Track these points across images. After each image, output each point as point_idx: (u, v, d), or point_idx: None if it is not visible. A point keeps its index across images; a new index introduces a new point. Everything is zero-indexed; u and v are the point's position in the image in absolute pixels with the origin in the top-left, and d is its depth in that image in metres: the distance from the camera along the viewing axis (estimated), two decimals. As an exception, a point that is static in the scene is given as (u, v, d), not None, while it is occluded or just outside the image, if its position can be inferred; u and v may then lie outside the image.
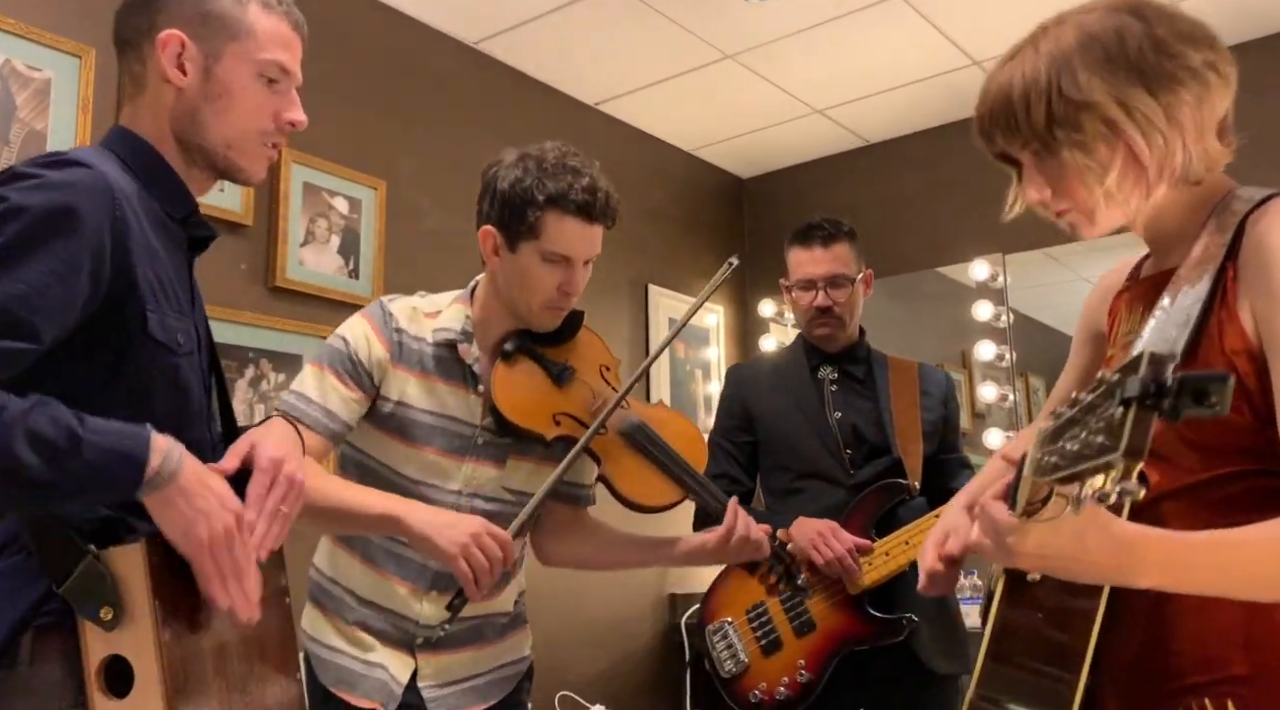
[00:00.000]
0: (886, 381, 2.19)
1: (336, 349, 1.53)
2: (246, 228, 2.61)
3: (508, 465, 1.57)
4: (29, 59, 2.24)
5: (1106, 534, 0.89)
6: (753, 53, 3.36)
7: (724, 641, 2.04)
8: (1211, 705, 0.95)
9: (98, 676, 0.96)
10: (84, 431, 0.92)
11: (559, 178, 1.51)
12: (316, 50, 2.81)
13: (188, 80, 1.12)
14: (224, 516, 0.99)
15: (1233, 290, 0.99)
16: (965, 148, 4.44)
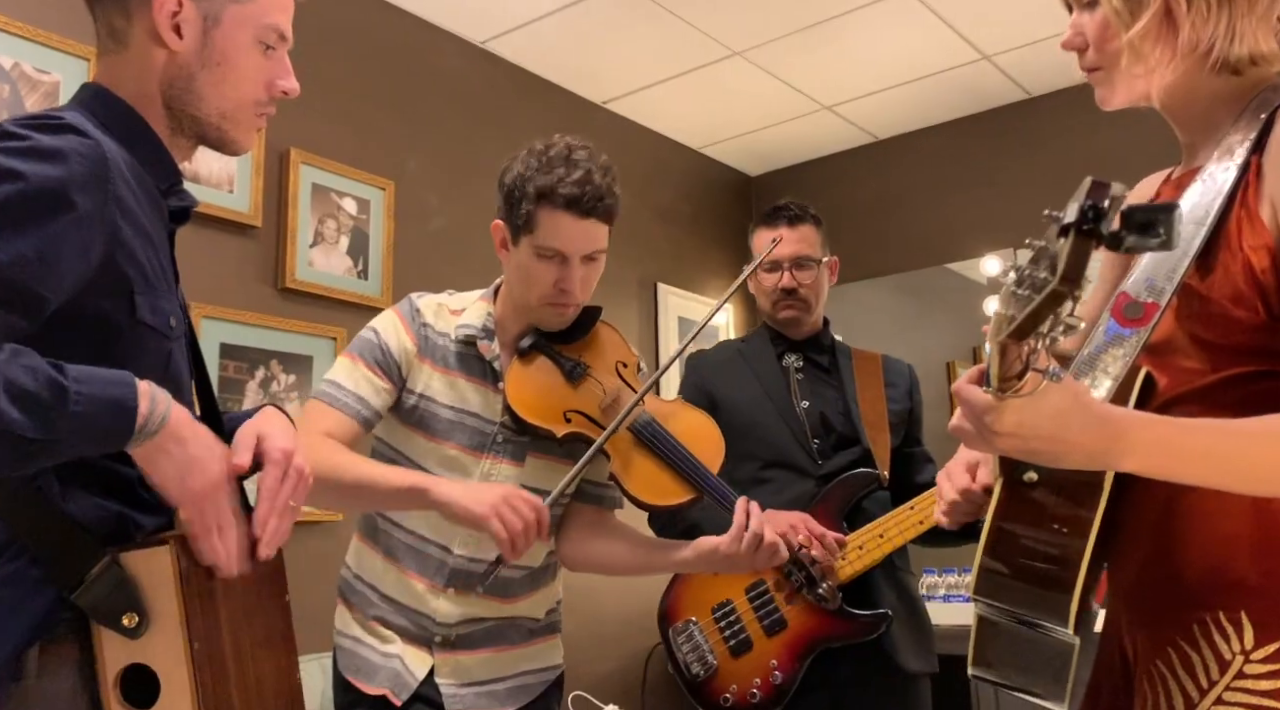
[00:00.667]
0: (851, 371, 2.14)
1: (368, 340, 1.56)
2: (255, 229, 2.61)
3: (527, 463, 1.57)
4: (38, 62, 2.24)
5: (1089, 413, 0.85)
6: (761, 49, 3.34)
7: (689, 643, 1.95)
8: (1225, 618, 0.93)
9: (115, 687, 0.92)
10: (68, 381, 0.85)
11: (551, 171, 1.49)
12: (325, 50, 2.83)
13: (183, 44, 1.03)
14: (218, 464, 0.95)
15: (1255, 185, 0.95)
16: (976, 143, 4.42)
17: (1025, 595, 1.01)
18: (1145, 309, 0.98)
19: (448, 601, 1.53)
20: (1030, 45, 3.31)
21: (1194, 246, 0.95)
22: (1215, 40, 0.98)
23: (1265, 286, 0.92)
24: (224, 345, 2.48)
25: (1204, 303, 0.96)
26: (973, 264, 3.74)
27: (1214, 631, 0.93)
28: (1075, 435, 0.86)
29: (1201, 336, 0.96)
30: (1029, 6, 3.08)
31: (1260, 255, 0.93)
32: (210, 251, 2.48)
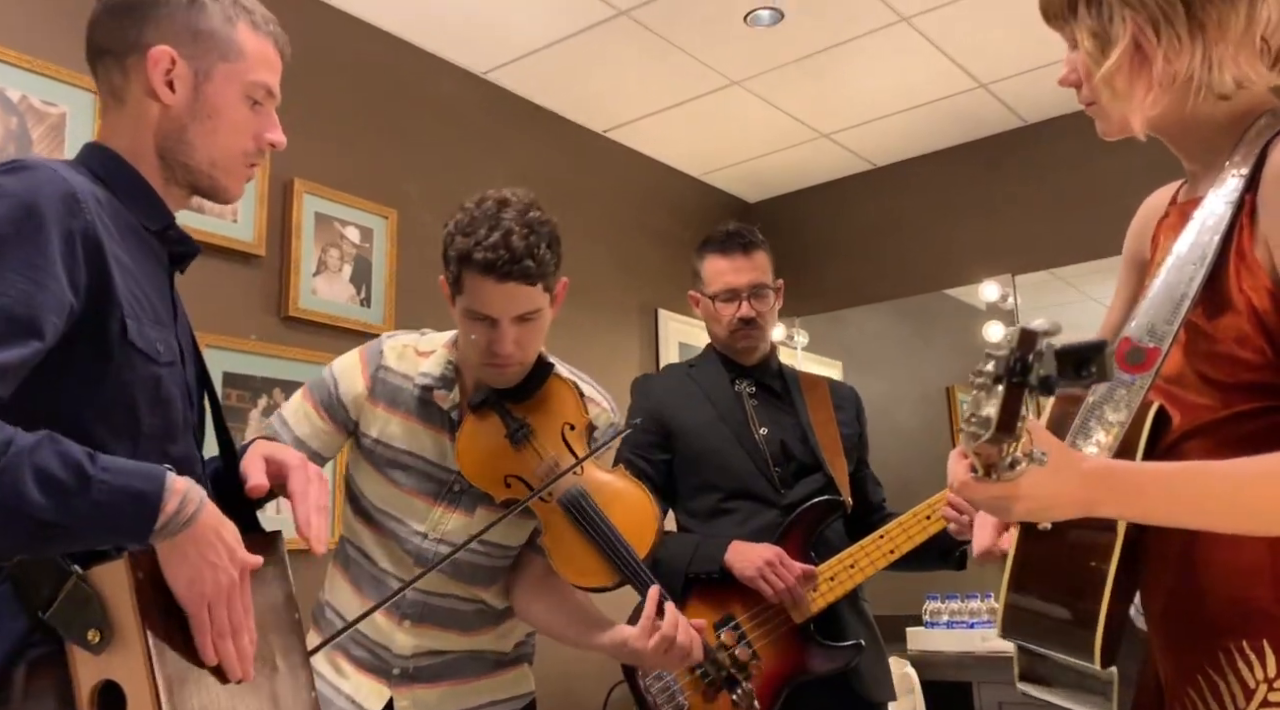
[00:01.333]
0: (802, 397, 2.10)
1: (321, 378, 1.57)
2: (259, 258, 2.62)
3: (477, 514, 1.55)
4: (44, 94, 2.26)
5: (1076, 470, 0.92)
6: (759, 79, 3.38)
7: (659, 684, 1.85)
8: (1249, 647, 0.95)
9: (90, 705, 0.91)
10: (94, 469, 0.87)
11: (473, 233, 1.43)
12: (328, 81, 2.86)
13: (176, 98, 1.09)
14: (230, 571, 0.95)
15: (1249, 226, 0.97)
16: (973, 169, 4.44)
17: (1051, 634, 1.03)
18: (1148, 354, 1.00)
19: (404, 634, 1.52)
20: (1026, 73, 3.35)
21: (1194, 288, 0.98)
22: (1193, 70, 0.98)
23: (1269, 327, 0.94)
24: (227, 374, 2.49)
25: (1210, 342, 0.98)
26: (971, 289, 3.76)
27: (1238, 660, 0.96)
28: (1068, 491, 0.92)
29: (1209, 375, 0.99)
30: (1024, 35, 3.12)
31: (1261, 296, 0.95)
32: (214, 281, 2.49)
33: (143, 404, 1.02)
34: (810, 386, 2.13)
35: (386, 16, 3.00)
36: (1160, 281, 1.02)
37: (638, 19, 3.02)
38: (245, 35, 1.13)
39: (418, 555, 1.54)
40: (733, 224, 2.15)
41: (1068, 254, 3.44)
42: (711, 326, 2.13)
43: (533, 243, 1.44)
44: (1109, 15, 1.00)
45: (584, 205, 3.60)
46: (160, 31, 1.09)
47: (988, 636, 3.05)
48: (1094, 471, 0.93)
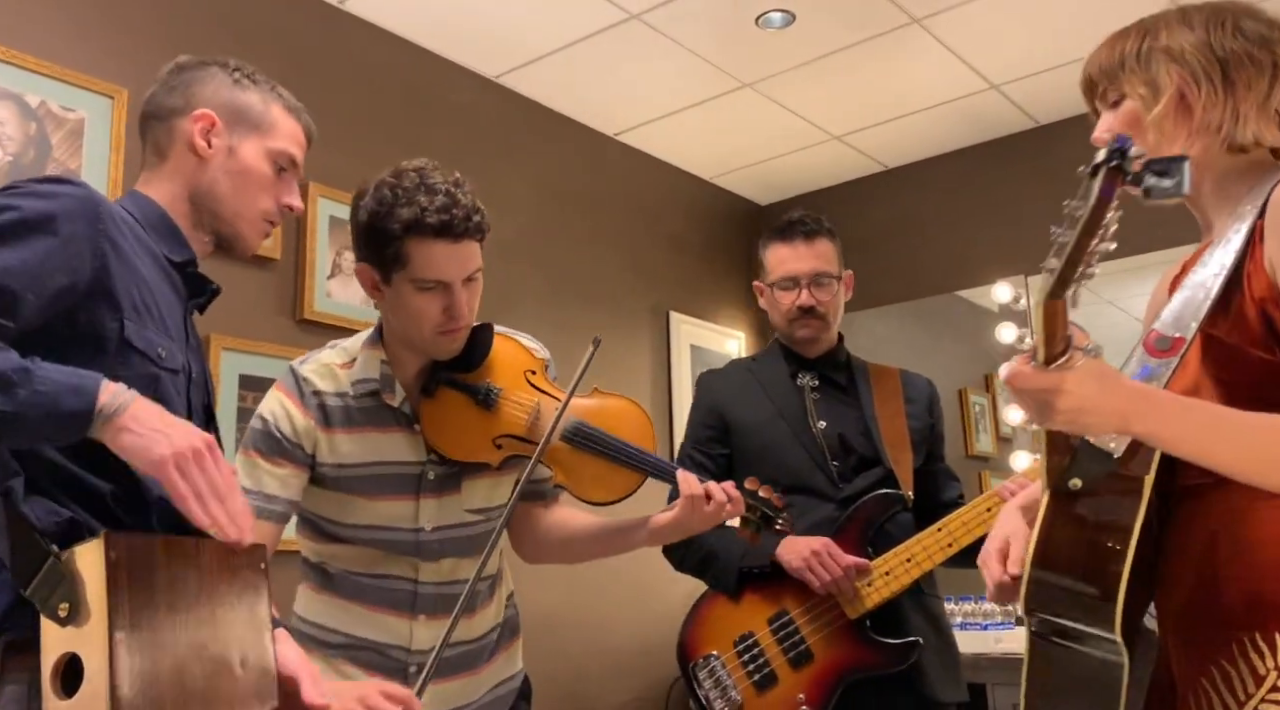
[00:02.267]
0: (869, 389, 2.06)
1: (256, 429, 1.51)
2: (274, 261, 2.65)
3: (464, 488, 1.55)
4: (64, 100, 2.29)
5: (1120, 383, 1.00)
6: (770, 81, 3.38)
7: (711, 679, 1.85)
8: (1261, 638, 1.01)
9: (53, 677, 0.94)
10: (34, 367, 0.96)
11: (412, 202, 1.43)
12: (341, 85, 2.88)
13: (212, 153, 1.26)
14: (187, 436, 0.99)
15: (1259, 245, 1.08)
16: (986, 171, 4.43)
17: (1073, 602, 1.07)
18: (1173, 342, 1.10)
19: (422, 628, 1.53)
20: (1038, 75, 3.35)
21: (1214, 292, 1.09)
22: (1224, 122, 1.14)
23: (1278, 330, 1.04)
24: (243, 376, 2.51)
25: (1224, 347, 1.08)
26: (983, 291, 3.76)
27: (1250, 650, 1.02)
28: (1110, 401, 0.99)
29: (1222, 377, 1.08)
30: (1036, 37, 3.12)
31: (1270, 306, 1.05)
32: (230, 284, 2.49)
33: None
34: (881, 378, 2.09)
35: (399, 21, 3.02)
36: (1182, 295, 1.13)
37: (649, 22, 3.03)
38: (279, 114, 1.32)
39: (420, 551, 1.54)
40: (797, 212, 2.11)
41: (1081, 255, 3.43)
42: (773, 317, 2.11)
43: (473, 199, 1.49)
44: (1157, 69, 1.16)
45: (595, 208, 3.61)
46: (205, 100, 1.28)
47: (1002, 638, 3.04)
48: (1139, 388, 1.01)
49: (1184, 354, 1.09)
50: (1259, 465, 0.98)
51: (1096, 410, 0.99)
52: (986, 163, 3.83)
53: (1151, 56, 1.17)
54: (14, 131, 2.21)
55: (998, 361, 3.70)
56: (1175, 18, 1.19)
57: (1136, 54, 1.18)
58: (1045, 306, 0.97)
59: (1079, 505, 1.09)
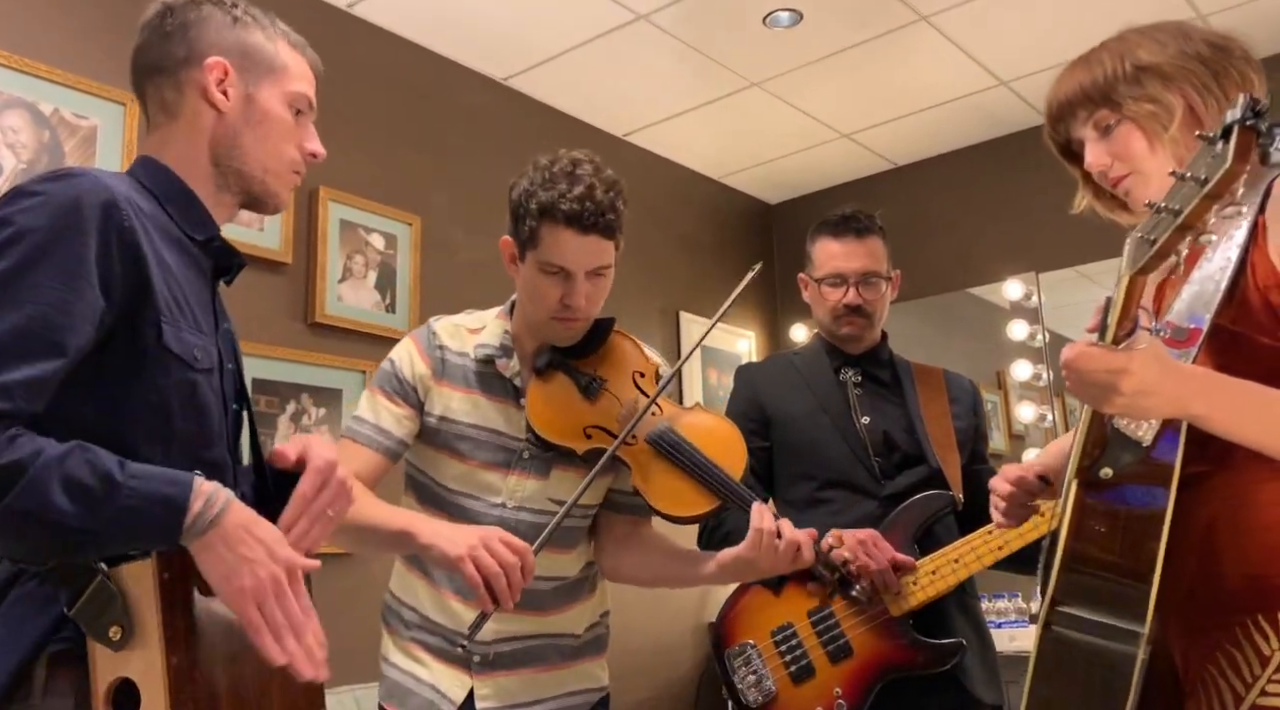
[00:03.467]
0: (914, 387, 2.03)
1: (385, 370, 1.59)
2: (286, 266, 2.66)
3: (552, 477, 1.56)
4: (76, 108, 2.31)
5: (1179, 366, 1.02)
6: (778, 80, 3.38)
7: (747, 667, 1.84)
8: (1264, 620, 1.04)
9: (105, 702, 0.92)
10: (122, 476, 0.90)
11: (553, 187, 1.49)
12: (351, 89, 2.89)
13: (230, 105, 1.15)
14: (270, 566, 0.95)
15: (1263, 235, 1.11)
16: (995, 167, 4.40)
17: (1104, 594, 1.08)
18: (1190, 333, 1.11)
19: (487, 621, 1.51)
20: (1047, 70, 3.33)
21: (1223, 285, 1.11)
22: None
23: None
24: (256, 380, 2.53)
25: (1233, 337, 1.09)
26: (994, 288, 3.75)
27: (1254, 632, 1.04)
28: (1168, 382, 1.00)
29: (1232, 366, 1.08)
30: (1045, 33, 3.11)
31: (1275, 293, 1.08)
32: (242, 288, 2.50)
33: (176, 408, 1.04)
34: (924, 377, 2.07)
35: (407, 24, 3.03)
36: (1190, 289, 1.14)
37: (656, 23, 3.03)
38: (286, 52, 1.21)
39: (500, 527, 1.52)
40: (849, 207, 2.08)
41: (1093, 251, 3.42)
42: (816, 311, 2.06)
43: (612, 197, 1.51)
44: (1155, 87, 1.18)
45: (605, 209, 3.62)
46: (212, 46, 1.15)
47: (1015, 636, 3.03)
48: (1196, 371, 1.03)
49: (1202, 343, 1.10)
50: None
51: (1155, 393, 0.99)
52: (996, 159, 3.81)
53: (1142, 77, 1.18)
54: (27, 139, 2.22)
55: (1009, 359, 3.70)
56: (1140, 39, 1.22)
57: (1122, 76, 1.19)
58: (1130, 281, 0.97)
59: (1109, 496, 1.11)
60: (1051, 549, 1.17)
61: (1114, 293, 1.03)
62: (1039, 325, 3.64)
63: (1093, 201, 1.32)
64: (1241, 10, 3.01)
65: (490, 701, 1.51)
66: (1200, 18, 3.02)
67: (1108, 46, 1.24)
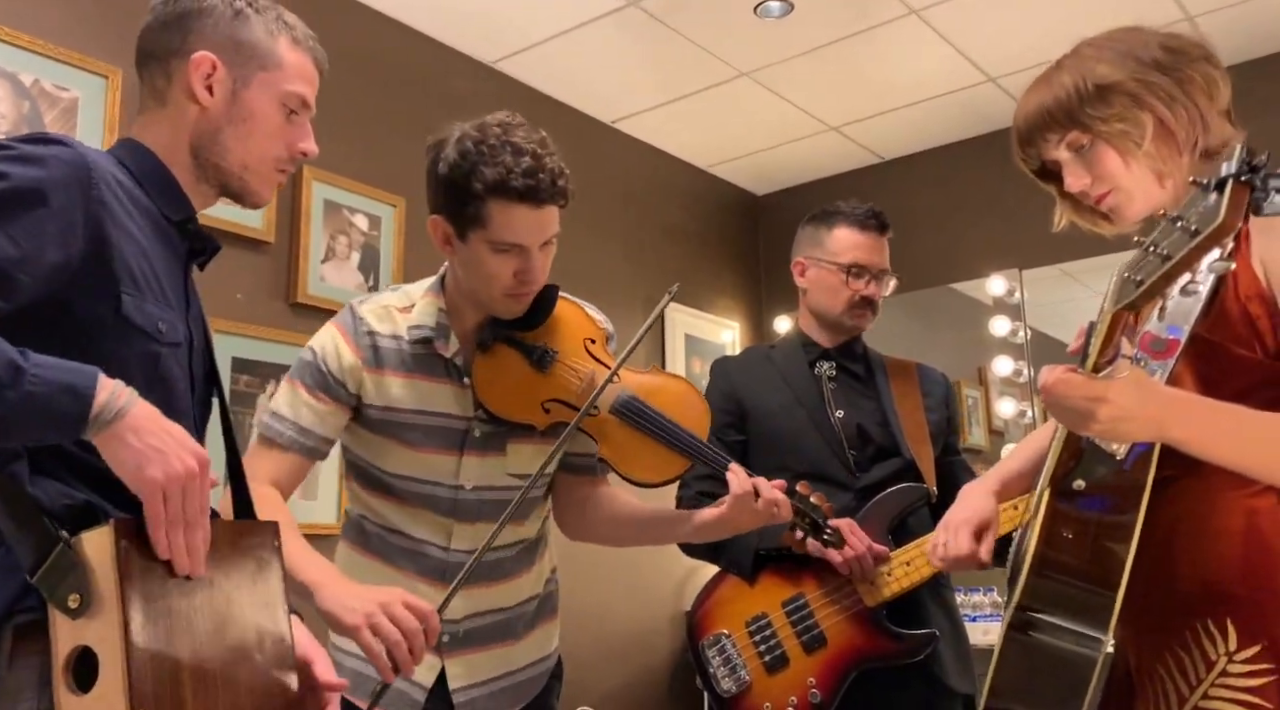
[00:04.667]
0: (887, 381, 2.06)
1: (306, 361, 1.49)
2: (268, 245, 2.64)
3: (509, 451, 1.52)
4: (57, 79, 2.28)
5: (1158, 391, 1.03)
6: (768, 70, 3.38)
7: (721, 656, 1.84)
8: (1214, 625, 1.07)
9: (65, 670, 0.91)
10: (26, 364, 0.89)
11: (497, 161, 1.38)
12: (338, 70, 2.85)
13: (213, 101, 1.15)
14: (183, 457, 0.94)
15: (1245, 245, 1.12)
16: (981, 164, 4.43)
17: (1070, 601, 1.10)
18: (1169, 344, 1.13)
19: (455, 599, 1.44)
20: (1034, 68, 3.32)
21: (1203, 295, 1.12)
22: (1197, 134, 1.18)
23: (1261, 330, 1.08)
24: (236, 359, 2.51)
25: (1211, 347, 1.11)
26: (978, 284, 3.76)
27: (1203, 636, 1.07)
28: (1146, 408, 1.01)
29: (1208, 376, 1.11)
30: (1034, 30, 3.12)
31: (1254, 304, 1.09)
32: (223, 267, 2.49)
33: (139, 380, 1.02)
34: (898, 371, 2.09)
35: (397, 6, 3.00)
36: (1170, 299, 1.15)
37: (647, 9, 3.02)
38: (285, 49, 1.19)
39: (457, 511, 1.50)
40: (864, 203, 2.11)
41: (1076, 247, 3.42)
42: (823, 298, 2.05)
43: (557, 161, 1.43)
44: (1123, 104, 1.18)
45: (591, 196, 3.61)
46: (204, 39, 1.15)
47: (989, 630, 3.06)
48: (1177, 395, 1.04)
49: (1180, 354, 1.11)
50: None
51: (1133, 419, 1.00)
52: (982, 156, 3.83)
53: (1107, 95, 1.18)
54: (7, 110, 2.19)
55: (991, 355, 3.72)
56: (1096, 53, 1.22)
57: (1086, 96, 1.19)
58: (1114, 316, 0.99)
59: (1081, 505, 1.12)
60: (1020, 547, 1.19)
61: (1097, 322, 1.04)
62: (1021, 322, 3.67)
63: (1073, 216, 1.33)
64: (1230, 12, 3.02)
65: (462, 681, 1.47)
66: (1188, 19, 3.03)
67: (1064, 65, 1.25)
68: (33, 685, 0.94)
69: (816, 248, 2.07)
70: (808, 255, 2.08)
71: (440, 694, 1.47)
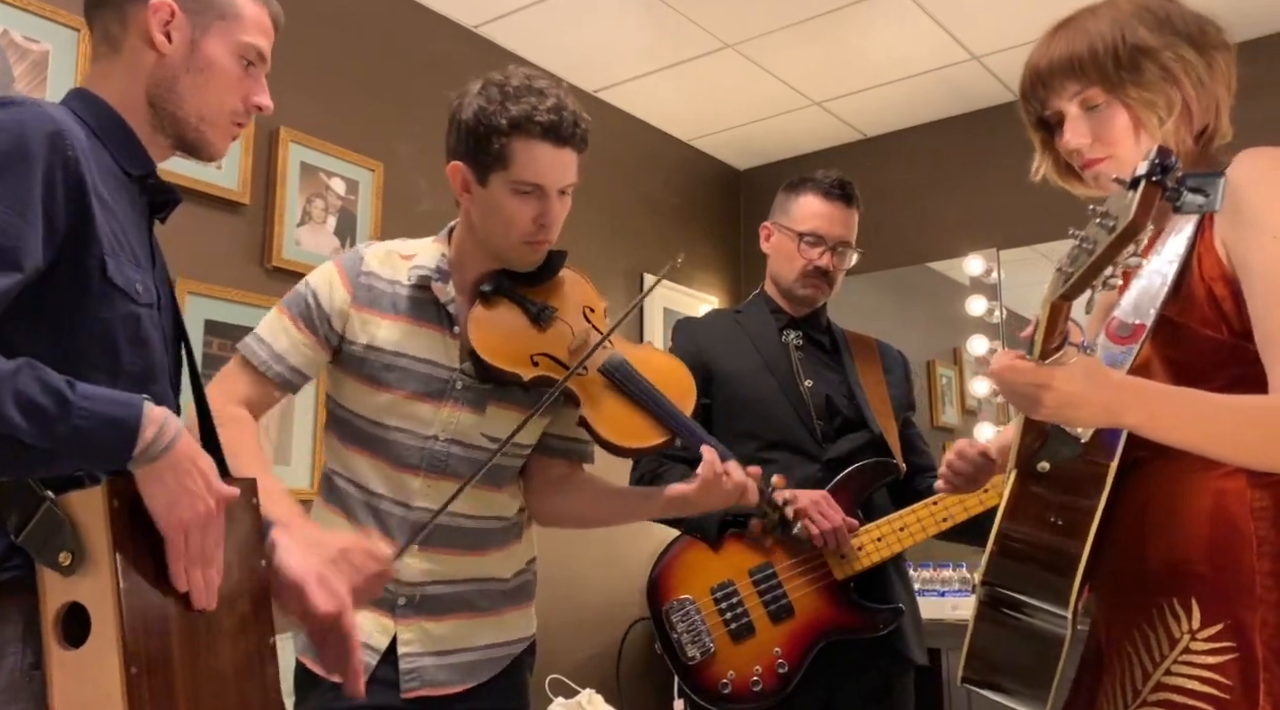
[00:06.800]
0: (850, 355, 2.07)
1: (298, 292, 1.52)
2: (244, 206, 2.60)
3: (488, 412, 1.51)
4: (27, 30, 2.22)
5: (1108, 378, 1.02)
6: (753, 43, 3.36)
7: (685, 622, 1.82)
8: (1179, 604, 1.08)
9: (55, 625, 0.94)
10: (73, 395, 0.90)
11: (522, 100, 1.42)
12: (317, 30, 2.82)
13: (171, 48, 1.13)
14: (206, 500, 0.97)
15: (1209, 228, 1.12)
16: (964, 143, 4.41)
17: (1032, 579, 1.12)
18: (1134, 329, 1.14)
19: (412, 558, 1.46)
20: (1019, 47, 3.33)
21: (1169, 278, 1.13)
22: (1209, 118, 1.17)
23: (1226, 311, 1.09)
24: (209, 322, 2.48)
25: (1176, 328, 1.12)
26: (955, 263, 3.78)
27: (1168, 614, 1.09)
28: (1097, 394, 1.01)
29: (1174, 358, 1.12)
30: (1019, 9, 3.11)
31: (1219, 285, 1.09)
32: (198, 228, 2.47)
33: (122, 342, 1.04)
34: (859, 346, 2.09)
35: (378, -35, 2.95)
36: (1139, 283, 1.16)
37: (633, -23, 2.98)
38: (244, 1, 1.18)
39: (424, 461, 1.49)
40: (836, 173, 2.08)
41: (1054, 229, 3.43)
42: (779, 265, 2.06)
43: (580, 109, 1.46)
44: (1153, 77, 1.15)
45: (573, 165, 3.58)
46: None
47: (958, 605, 3.10)
48: (1127, 382, 1.04)
49: (1145, 339, 1.12)
50: (1240, 448, 1.02)
51: (1083, 404, 1.01)
52: (964, 135, 3.83)
53: (1141, 61, 1.15)
54: (-25, 61, 2.14)
55: (966, 334, 3.74)
56: (1136, 11, 1.17)
57: (1119, 57, 1.15)
58: (1052, 306, 0.99)
59: (1045, 487, 1.13)
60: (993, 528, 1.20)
61: (1039, 314, 1.04)
62: (998, 301, 3.69)
63: (1050, 171, 1.30)
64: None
65: (413, 647, 1.46)
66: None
67: (1100, 14, 1.19)
68: (17, 639, 0.96)
69: (783, 214, 2.06)
70: (774, 220, 2.08)
71: (391, 660, 1.45)
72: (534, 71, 1.48)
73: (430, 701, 1.46)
